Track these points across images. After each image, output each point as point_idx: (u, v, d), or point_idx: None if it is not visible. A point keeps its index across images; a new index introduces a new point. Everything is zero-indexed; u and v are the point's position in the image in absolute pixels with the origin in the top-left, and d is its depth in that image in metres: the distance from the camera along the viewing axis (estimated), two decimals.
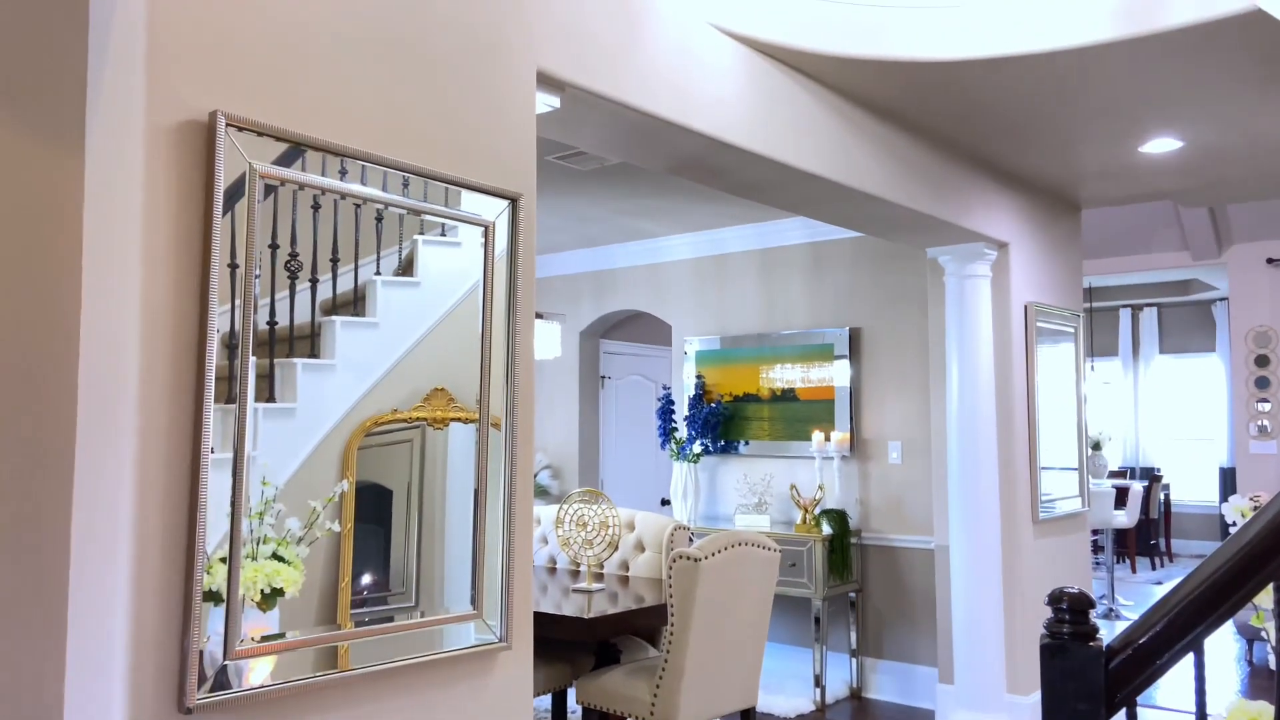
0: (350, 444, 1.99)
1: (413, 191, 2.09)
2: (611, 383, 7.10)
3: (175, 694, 1.70)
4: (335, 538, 1.92)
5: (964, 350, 4.74)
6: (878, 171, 3.75)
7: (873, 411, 5.51)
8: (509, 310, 2.30)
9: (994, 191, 4.66)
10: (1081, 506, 5.35)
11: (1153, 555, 10.47)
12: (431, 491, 2.13)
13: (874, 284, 5.56)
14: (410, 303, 2.11)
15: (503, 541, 2.24)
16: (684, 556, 3.56)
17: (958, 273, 4.76)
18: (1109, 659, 1.16)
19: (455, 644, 2.14)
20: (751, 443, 5.91)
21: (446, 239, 2.21)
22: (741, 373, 5.99)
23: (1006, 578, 4.70)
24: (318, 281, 1.94)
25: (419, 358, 2.12)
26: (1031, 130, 4.03)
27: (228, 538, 1.75)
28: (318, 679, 1.86)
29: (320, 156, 1.91)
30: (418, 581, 2.09)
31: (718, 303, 6.20)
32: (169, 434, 1.71)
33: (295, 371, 1.91)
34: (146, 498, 1.67)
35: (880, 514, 5.45)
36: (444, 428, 2.16)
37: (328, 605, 1.90)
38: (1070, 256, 5.46)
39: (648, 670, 3.80)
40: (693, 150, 3.06)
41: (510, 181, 2.31)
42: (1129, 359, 11.84)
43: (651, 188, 5.11)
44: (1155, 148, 4.25)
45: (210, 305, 1.75)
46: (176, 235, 1.73)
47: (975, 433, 4.69)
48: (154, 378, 1.70)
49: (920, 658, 5.25)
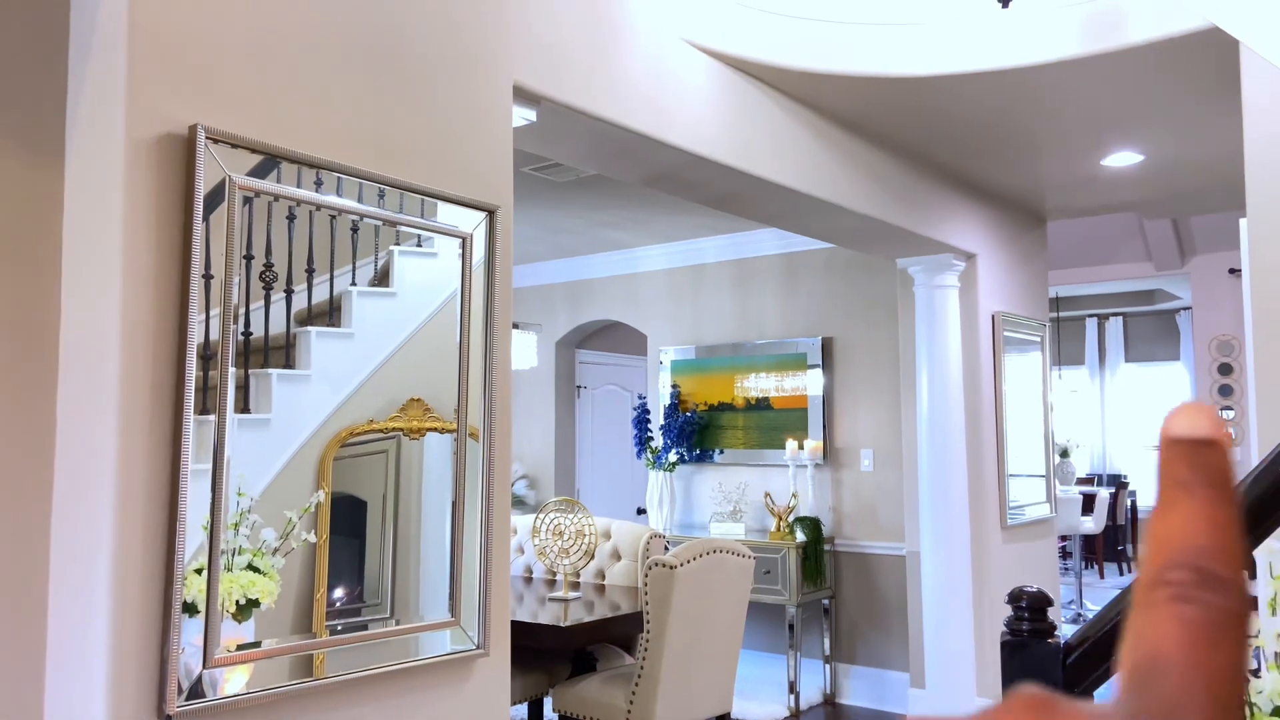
0: (326, 454, 2.01)
1: (389, 203, 2.12)
2: (587, 392, 7.12)
3: (155, 702, 1.71)
4: (311, 548, 1.94)
5: (933, 359, 4.82)
6: (848, 184, 3.82)
7: (845, 420, 5.58)
8: (486, 321, 2.33)
9: (962, 204, 4.75)
10: (1049, 513, 5.44)
11: (1120, 561, 10.63)
12: (407, 501, 2.15)
13: (846, 294, 5.63)
14: (386, 313, 2.13)
15: (480, 550, 2.26)
16: (660, 564, 3.60)
17: (927, 283, 4.84)
18: (1066, 655, 1.21)
19: (433, 651, 2.16)
20: (726, 451, 5.96)
21: (423, 249, 2.23)
22: (716, 382, 6.04)
23: (976, 582, 4.78)
24: (293, 292, 1.96)
25: (395, 368, 2.14)
26: (997, 144, 4.11)
27: (204, 548, 1.76)
28: (295, 686, 1.88)
29: (296, 168, 1.94)
30: (393, 590, 2.10)
31: (693, 313, 6.26)
32: (149, 444, 1.72)
33: (270, 382, 1.93)
34: (127, 508, 1.69)
35: (853, 521, 5.52)
36: (420, 438, 2.18)
37: (303, 615, 1.92)
38: (1037, 267, 5.56)
39: (624, 677, 3.83)
40: (668, 163, 3.11)
41: (487, 194, 2.35)
42: (1095, 367, 12.03)
43: (626, 199, 5.16)
44: (1117, 161, 4.35)
45: (190, 316, 1.77)
46: (156, 246, 1.75)
47: (945, 440, 4.76)
48: (134, 388, 1.71)
49: (893, 663, 5.31)
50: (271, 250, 1.92)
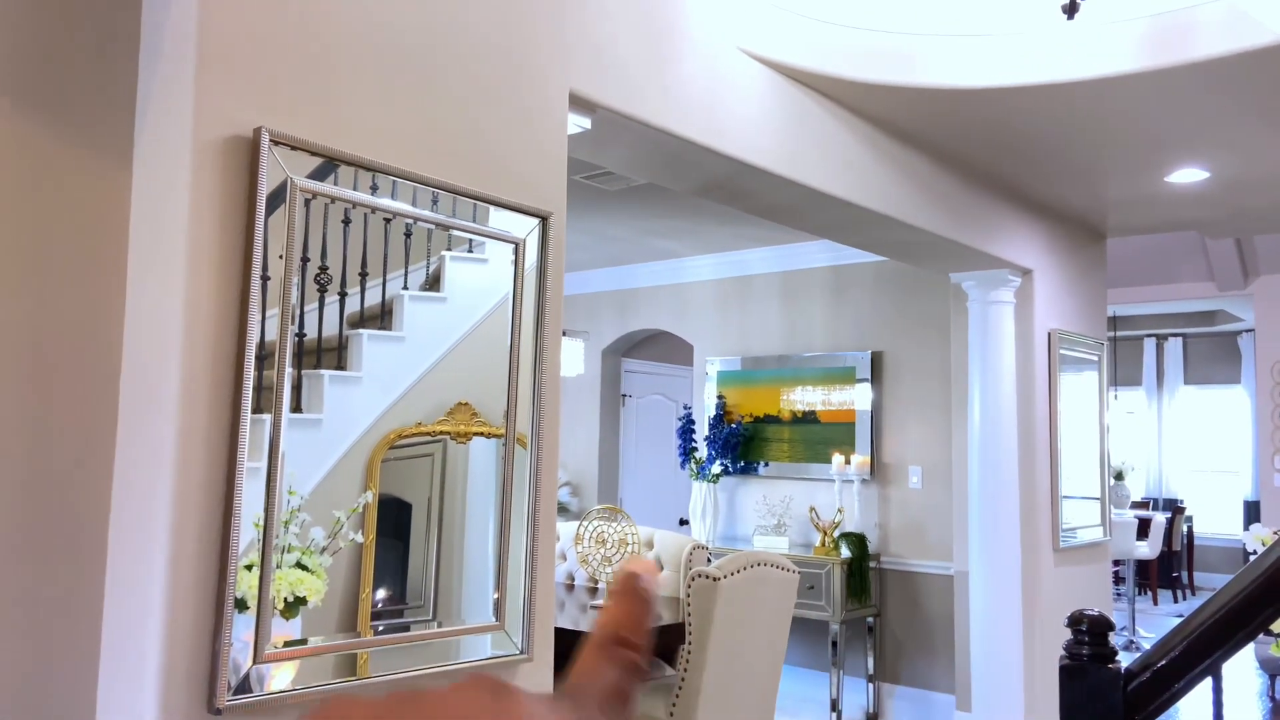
0: (374, 456, 2.03)
1: (443, 208, 2.13)
2: (632, 401, 7.12)
3: (205, 695, 1.73)
4: (357, 548, 1.95)
5: (986, 376, 4.73)
6: (902, 197, 3.78)
7: (893, 435, 5.51)
8: (537, 327, 2.33)
9: (1018, 218, 4.67)
10: (1103, 536, 5.32)
11: (1175, 587, 10.35)
12: (452, 504, 2.15)
13: (896, 308, 5.57)
14: (436, 318, 2.15)
15: (526, 555, 2.26)
16: (702, 575, 3.57)
17: (981, 298, 4.77)
18: (1127, 681, 1.17)
19: (476, 655, 2.16)
20: (771, 464, 5.92)
21: (474, 255, 2.25)
22: (762, 394, 6.00)
23: (1026, 605, 4.68)
24: (346, 295, 1.98)
25: (443, 372, 2.15)
26: (1057, 159, 4.04)
27: (254, 545, 1.78)
28: (340, 685, 1.89)
29: (353, 171, 1.96)
30: (436, 593, 2.11)
31: (739, 324, 6.23)
32: (207, 442, 1.75)
33: (323, 383, 1.95)
34: (183, 503, 1.71)
35: (899, 538, 5.44)
36: (467, 442, 2.19)
37: (348, 615, 1.93)
38: (1095, 284, 5.45)
39: (664, 689, 3.80)
40: (720, 173, 3.10)
41: (541, 200, 2.35)
42: (1153, 389, 11.75)
43: (676, 209, 5.16)
44: (1181, 178, 4.25)
45: (250, 316, 1.80)
46: (219, 248, 1.78)
47: (997, 459, 4.68)
48: (194, 386, 1.74)
49: (938, 684, 5.21)
50: (327, 253, 1.94)
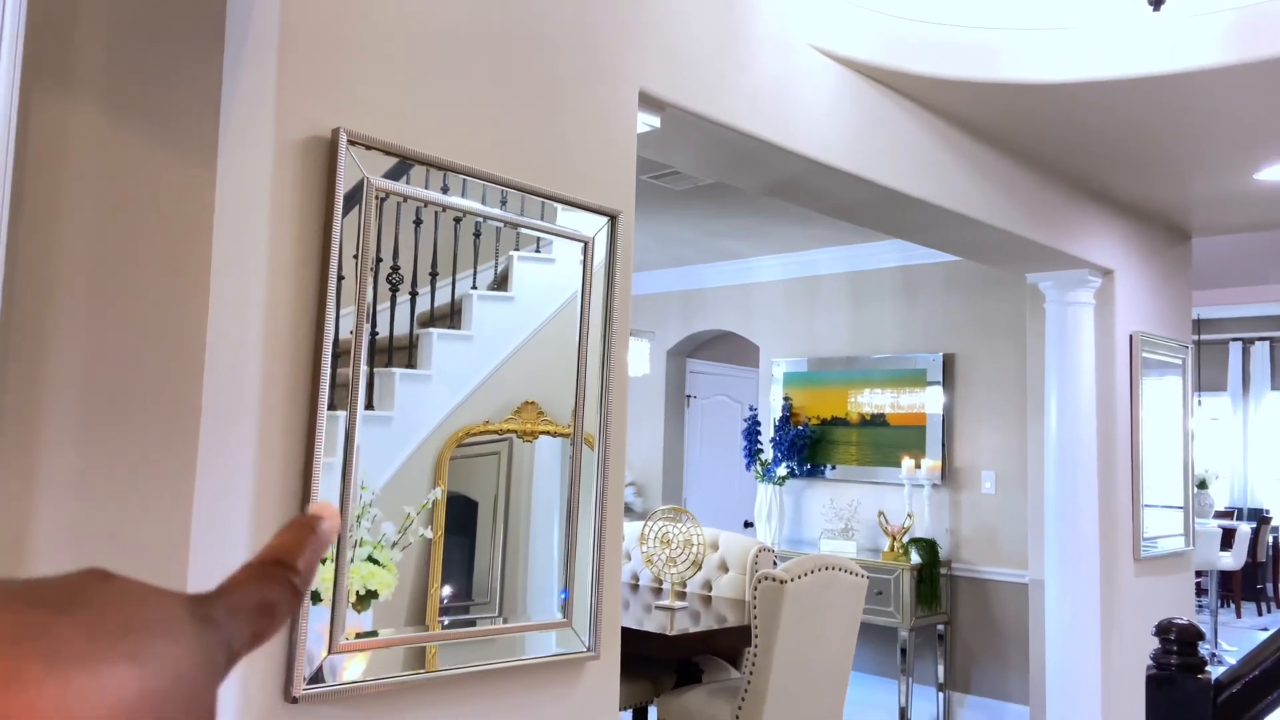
0: (443, 453, 2.05)
1: (511, 207, 2.15)
2: (697, 402, 7.10)
3: (282, 684, 1.77)
4: (426, 544, 1.97)
5: (1064, 379, 4.61)
6: (978, 195, 3.70)
7: (966, 440, 5.39)
8: (605, 326, 2.34)
9: (1099, 217, 4.54)
10: (1186, 546, 5.14)
11: (1259, 600, 9.96)
12: (518, 502, 2.17)
13: (969, 309, 5.45)
14: (504, 317, 2.16)
15: (593, 553, 2.27)
16: (769, 578, 3.54)
17: (1059, 299, 4.64)
18: (1217, 693, 1.13)
19: (542, 652, 2.17)
20: (839, 467, 5.85)
21: (541, 255, 2.26)
22: (830, 396, 5.93)
23: (1105, 616, 4.54)
24: (417, 294, 2.00)
25: (510, 371, 2.16)
26: (1140, 155, 3.91)
27: None
28: (412, 677, 1.92)
29: (425, 171, 1.98)
30: (502, 589, 2.12)
31: (806, 325, 6.16)
32: (285, 437, 1.79)
33: (394, 381, 1.97)
34: (263, 497, 1.75)
35: (971, 545, 5.32)
36: (533, 440, 2.20)
37: (417, 609, 1.95)
38: (1179, 286, 5.27)
39: (730, 691, 3.78)
40: (791, 172, 3.07)
41: (610, 199, 2.36)
42: (1238, 395, 11.32)
43: (743, 208, 5.13)
44: (1271, 175, 4.09)
45: (328, 314, 1.83)
46: (298, 247, 1.82)
47: (1075, 465, 4.55)
48: (273, 383, 1.78)
49: (1011, 695, 5.09)
50: (398, 253, 1.97)
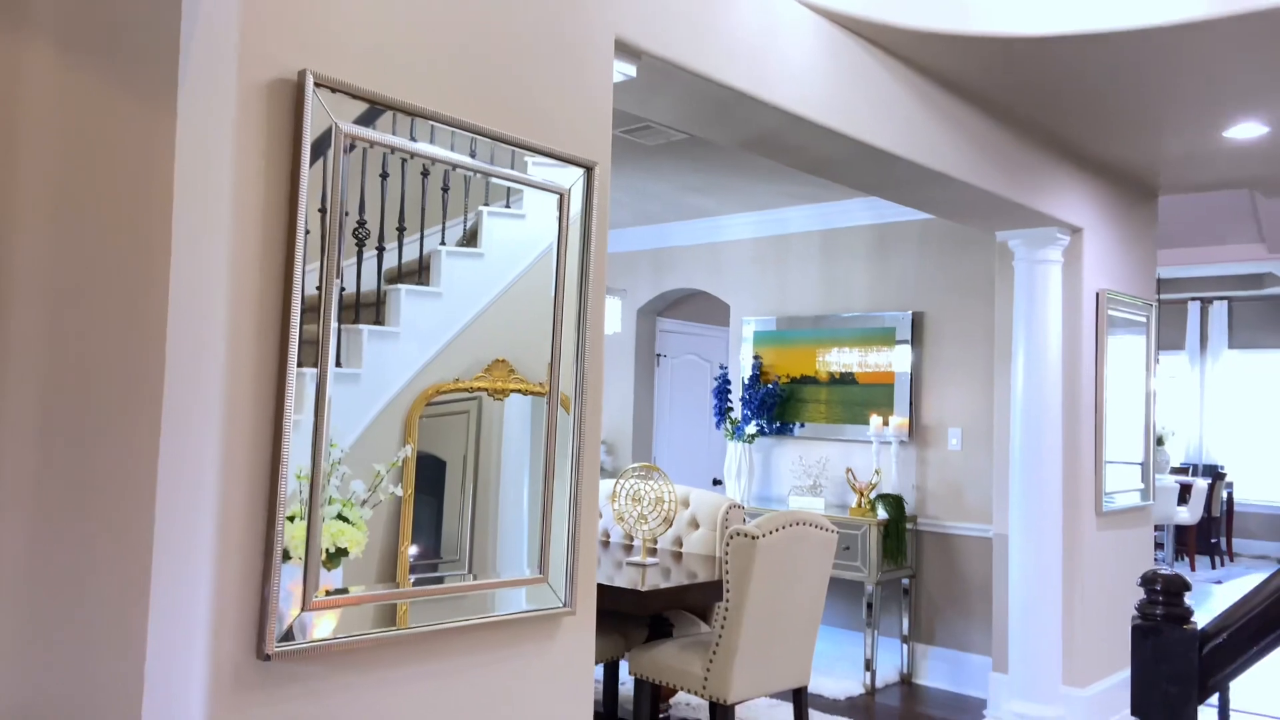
0: (413, 411, 2.02)
1: (483, 157, 2.10)
2: (667, 361, 7.09)
3: (254, 642, 1.74)
4: (397, 501, 1.94)
5: (1031, 337, 4.64)
6: (952, 151, 3.68)
7: (933, 397, 5.44)
8: (581, 281, 2.30)
9: (1069, 175, 4.55)
10: (1146, 501, 5.24)
11: (1212, 554, 10.23)
12: (488, 460, 2.14)
13: (939, 268, 5.47)
14: (474, 274, 2.12)
15: (569, 510, 2.25)
16: (741, 534, 3.55)
17: (1028, 257, 4.66)
18: (1203, 643, 1.13)
19: (518, 608, 2.16)
20: (807, 425, 5.88)
21: (510, 210, 2.21)
22: (799, 354, 5.95)
23: (1067, 569, 4.62)
24: (384, 250, 1.95)
25: (481, 328, 2.13)
26: (1113, 112, 3.91)
27: (296, 496, 1.78)
28: (385, 634, 1.90)
29: (392, 118, 1.92)
30: (473, 547, 2.10)
31: (777, 283, 6.15)
32: (254, 393, 1.74)
33: (361, 338, 1.93)
34: (231, 454, 1.71)
35: (937, 500, 5.39)
36: (504, 398, 2.17)
37: (388, 567, 1.93)
38: (1145, 244, 5.31)
39: (701, 645, 3.81)
40: (769, 125, 3.02)
41: (586, 150, 2.31)
42: (1196, 353, 11.54)
43: (715, 165, 5.08)
44: (1240, 133, 4.11)
45: (296, 266, 1.78)
46: (265, 195, 1.75)
47: (1040, 422, 4.60)
48: (240, 337, 1.73)
49: (973, 646, 5.19)
50: (364, 207, 1.91)
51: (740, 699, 3.65)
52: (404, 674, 1.96)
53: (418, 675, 1.98)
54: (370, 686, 1.90)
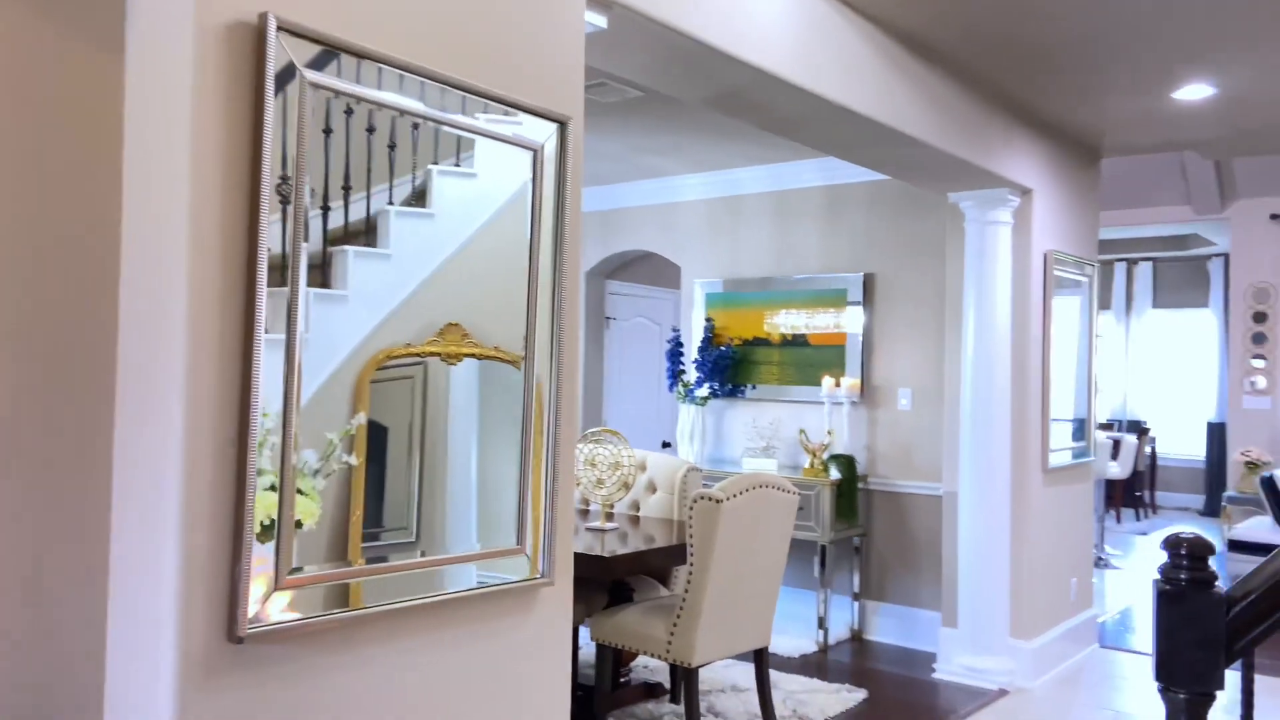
0: (363, 377, 1.92)
1: (452, 108, 1.99)
2: (616, 324, 7.02)
3: (225, 623, 1.65)
4: (349, 471, 1.84)
5: (981, 298, 4.69)
6: (914, 112, 3.66)
7: (884, 358, 5.48)
8: (556, 244, 2.22)
9: (1021, 136, 4.57)
10: (1089, 456, 5.37)
11: (1137, 507, 10.62)
12: (438, 427, 2.04)
13: (890, 229, 5.48)
14: (424, 234, 2.01)
15: (546, 480, 2.18)
16: (706, 497, 3.53)
17: (979, 219, 4.69)
18: (1229, 607, 1.13)
19: (498, 580, 2.10)
20: (759, 387, 5.88)
21: (461, 169, 2.11)
22: (751, 317, 5.93)
23: (1015, 525, 4.72)
24: (329, 209, 1.84)
25: (432, 291, 2.03)
26: (1066, 71, 3.93)
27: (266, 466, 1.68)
28: (367, 611, 1.82)
29: (356, 65, 1.80)
30: (420, 517, 2.01)
31: (729, 245, 6.11)
32: (218, 354, 1.63)
33: (308, 301, 1.82)
34: (197, 421, 1.60)
35: (887, 460, 5.45)
36: (457, 363, 2.09)
37: (339, 540, 1.83)
38: (1089, 206, 5.40)
39: (664, 609, 3.79)
40: (738, 82, 2.95)
41: (559, 103, 2.21)
42: (1122, 313, 11.87)
43: (669, 124, 4.99)
44: (1188, 94, 4.17)
45: (261, 224, 1.66)
46: (226, 142, 1.63)
47: (990, 381, 4.66)
48: (203, 288, 1.61)
49: (922, 601, 5.29)
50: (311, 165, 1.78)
51: (704, 661, 3.65)
52: (380, 651, 1.88)
53: (394, 652, 1.91)
54: (346, 666, 1.82)
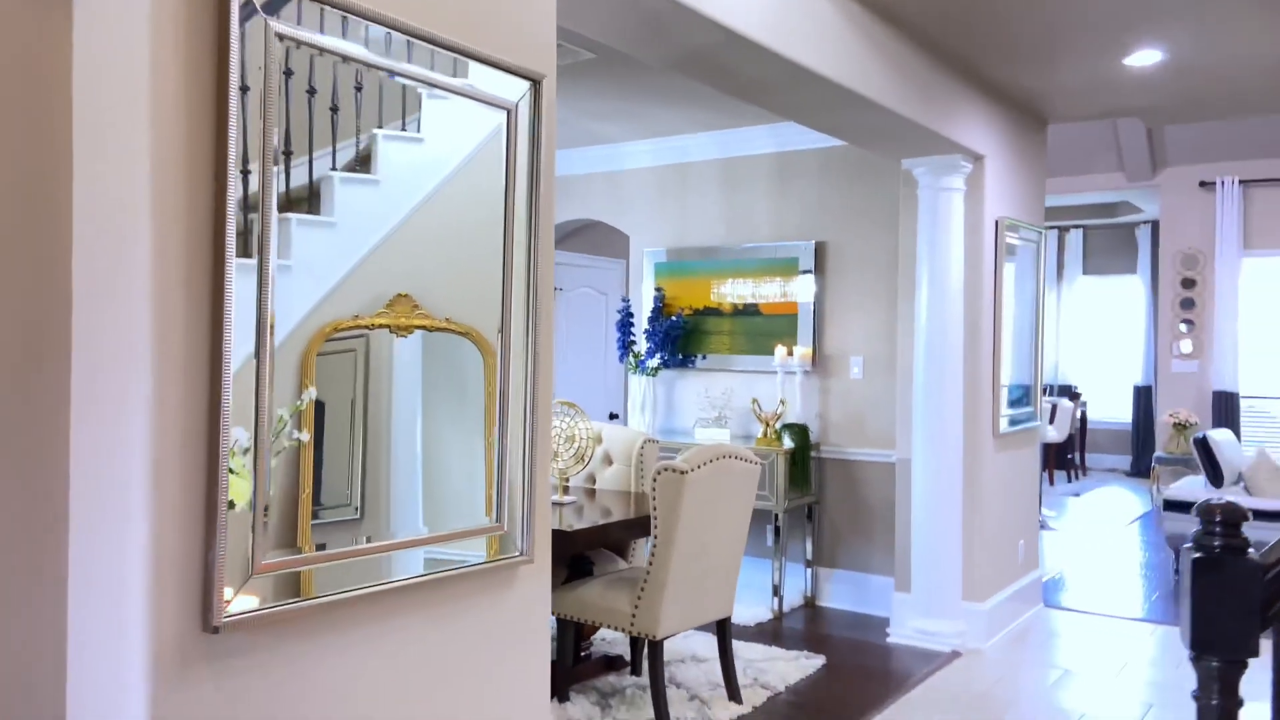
0: (309, 350, 1.82)
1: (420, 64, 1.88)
2: (562, 295, 6.92)
3: (199, 612, 1.54)
4: (299, 448, 1.73)
5: (935, 265, 4.71)
6: (879, 77, 3.62)
7: (836, 326, 5.48)
8: (531, 212, 2.13)
9: (975, 102, 4.58)
10: (1035, 421, 5.47)
11: (1069, 469, 10.93)
12: (379, 400, 1.93)
13: (841, 197, 5.47)
14: (369, 201, 1.89)
15: (524, 455, 2.11)
16: (670, 469, 3.49)
17: (932, 185, 4.70)
18: (1263, 574, 1.11)
19: (476, 559, 2.02)
20: (711, 356, 5.85)
21: (407, 134, 2.00)
22: (702, 286, 5.88)
23: (967, 490, 4.78)
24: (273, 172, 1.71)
25: (380, 261, 1.92)
26: (1020, 36, 3.94)
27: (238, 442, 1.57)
28: (347, 595, 1.73)
29: (319, 12, 1.68)
30: (363, 494, 1.90)
31: (678, 213, 6.04)
32: (185, 317, 1.52)
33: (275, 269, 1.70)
34: (164, 393, 1.49)
35: (840, 428, 5.48)
36: (407, 335, 1.99)
37: (290, 520, 1.72)
38: (1037, 172, 5.46)
39: (627, 582, 3.75)
40: (704, 42, 2.87)
41: (532, 60, 2.11)
42: (1053, 279, 12.14)
43: (618, 89, 4.89)
44: (1138, 60, 4.21)
45: (230, 172, 1.55)
46: (186, 95, 1.51)
47: (943, 347, 4.70)
48: (167, 241, 1.49)
49: (875, 567, 5.35)
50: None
51: (669, 634, 3.62)
52: (365, 633, 1.80)
53: (373, 636, 1.82)
54: (325, 653, 1.73)
